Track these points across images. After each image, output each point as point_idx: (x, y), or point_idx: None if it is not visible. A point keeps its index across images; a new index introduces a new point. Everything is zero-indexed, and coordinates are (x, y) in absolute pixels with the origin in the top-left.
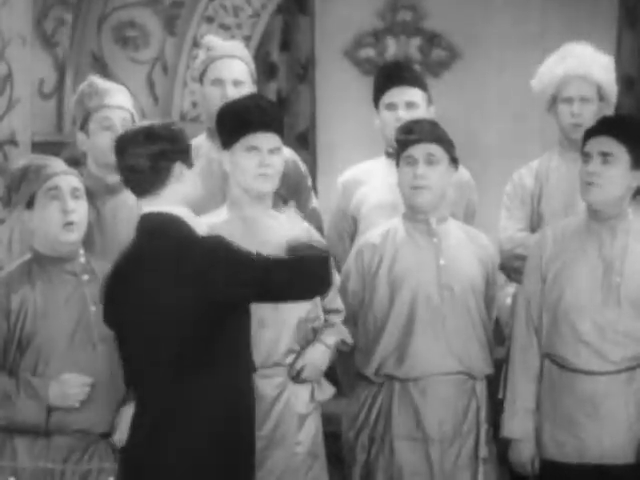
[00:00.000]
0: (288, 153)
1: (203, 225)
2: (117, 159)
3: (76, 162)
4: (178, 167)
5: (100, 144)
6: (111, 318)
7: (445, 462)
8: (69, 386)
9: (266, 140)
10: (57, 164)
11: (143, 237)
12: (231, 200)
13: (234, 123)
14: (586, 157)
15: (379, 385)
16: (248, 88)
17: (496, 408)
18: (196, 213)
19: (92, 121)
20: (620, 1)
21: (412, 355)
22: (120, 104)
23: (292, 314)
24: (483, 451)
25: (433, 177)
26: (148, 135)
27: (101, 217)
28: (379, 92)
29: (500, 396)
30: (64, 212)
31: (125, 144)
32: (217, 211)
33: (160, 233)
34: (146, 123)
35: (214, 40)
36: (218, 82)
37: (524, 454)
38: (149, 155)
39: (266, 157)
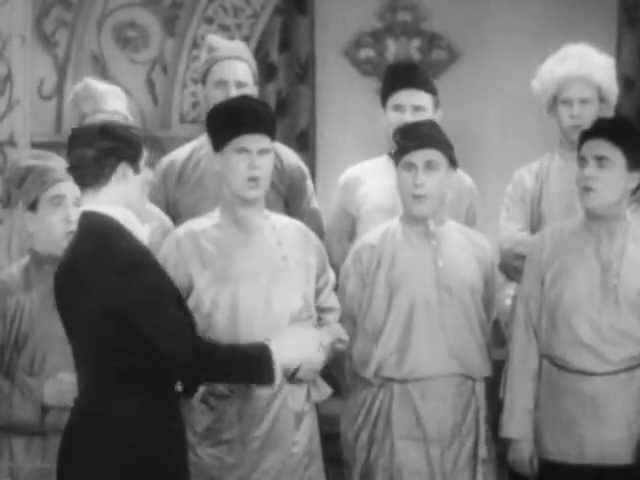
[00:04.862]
0: (291, 155)
1: (144, 231)
2: (68, 149)
3: None
4: (123, 167)
5: None
6: (58, 309)
7: (445, 462)
8: (64, 385)
9: (255, 141)
10: (62, 168)
11: (81, 236)
12: (223, 202)
13: (224, 125)
14: (582, 161)
15: (378, 386)
16: (250, 90)
17: (496, 408)
18: (193, 215)
19: None
20: (620, 2)
21: (411, 357)
22: (115, 109)
23: (283, 314)
24: (482, 451)
25: (432, 184)
26: (102, 130)
27: None
28: (387, 93)
29: (501, 396)
30: (67, 222)
31: (77, 135)
32: (210, 213)
33: (95, 239)
34: (106, 121)
35: (217, 40)
36: (221, 84)
37: (523, 454)
38: (97, 148)
39: (255, 159)
